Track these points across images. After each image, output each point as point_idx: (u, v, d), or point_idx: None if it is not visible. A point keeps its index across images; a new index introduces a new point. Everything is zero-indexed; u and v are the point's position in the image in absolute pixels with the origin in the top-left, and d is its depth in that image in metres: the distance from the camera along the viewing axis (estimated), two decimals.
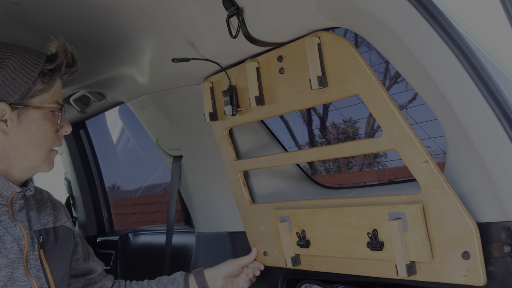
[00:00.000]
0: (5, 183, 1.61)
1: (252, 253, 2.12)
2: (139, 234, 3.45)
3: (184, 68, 2.07)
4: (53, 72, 1.64)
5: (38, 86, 1.61)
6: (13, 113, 1.59)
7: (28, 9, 1.84)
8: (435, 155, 3.26)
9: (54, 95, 1.65)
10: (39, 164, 1.67)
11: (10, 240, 1.61)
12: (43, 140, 1.64)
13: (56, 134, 1.67)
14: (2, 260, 1.58)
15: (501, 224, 1.41)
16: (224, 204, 2.37)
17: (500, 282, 1.43)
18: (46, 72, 1.62)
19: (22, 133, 1.61)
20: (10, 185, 1.62)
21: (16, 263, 1.62)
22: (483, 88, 1.31)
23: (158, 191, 6.21)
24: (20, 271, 1.63)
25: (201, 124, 2.27)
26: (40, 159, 1.65)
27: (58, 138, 1.69)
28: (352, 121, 4.58)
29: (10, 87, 1.58)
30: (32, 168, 1.67)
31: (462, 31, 1.35)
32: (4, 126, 1.60)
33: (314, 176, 2.72)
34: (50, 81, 1.63)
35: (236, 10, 1.69)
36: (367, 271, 1.72)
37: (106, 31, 2.06)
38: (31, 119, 1.62)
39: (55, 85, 1.65)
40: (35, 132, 1.62)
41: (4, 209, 1.64)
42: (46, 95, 1.63)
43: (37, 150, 1.64)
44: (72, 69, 1.68)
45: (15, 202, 1.67)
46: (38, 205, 1.81)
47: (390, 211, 1.58)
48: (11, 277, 1.60)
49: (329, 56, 1.66)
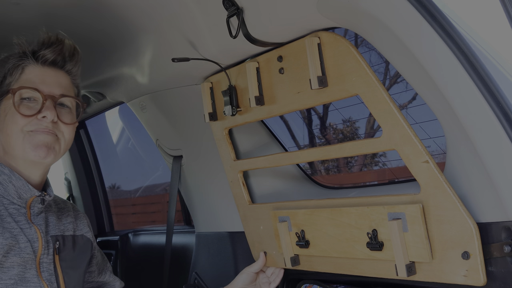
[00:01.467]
0: (25, 186, 1.65)
1: (260, 258, 2.09)
2: (139, 234, 3.45)
3: (184, 68, 2.07)
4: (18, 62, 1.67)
5: (8, 79, 1.67)
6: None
7: (28, 9, 1.84)
8: (435, 155, 3.26)
9: (23, 83, 1.66)
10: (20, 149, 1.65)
11: (24, 240, 1.64)
12: (9, 124, 1.65)
13: (27, 117, 1.64)
14: (15, 258, 1.61)
15: (501, 224, 1.41)
16: (224, 204, 2.37)
17: (500, 282, 1.43)
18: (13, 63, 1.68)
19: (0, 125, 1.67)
20: (30, 188, 1.66)
21: (28, 263, 1.64)
22: (483, 88, 1.31)
23: (158, 191, 6.21)
24: (32, 272, 1.65)
25: (201, 124, 2.27)
26: (16, 142, 1.64)
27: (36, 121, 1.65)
28: (352, 121, 4.58)
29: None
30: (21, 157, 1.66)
31: (462, 31, 1.35)
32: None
33: (314, 176, 2.72)
34: (17, 71, 1.67)
35: (236, 10, 1.69)
36: (366, 271, 1.72)
37: (106, 31, 2.06)
38: (2, 110, 1.67)
39: (25, 73, 1.68)
40: (4, 120, 1.66)
41: (22, 210, 1.67)
42: (15, 84, 1.67)
43: (9, 135, 1.65)
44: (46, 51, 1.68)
45: (34, 205, 1.70)
46: (59, 212, 1.85)
47: (389, 211, 1.58)
48: (22, 277, 1.63)
49: (329, 56, 1.66)
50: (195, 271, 2.55)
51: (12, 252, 1.61)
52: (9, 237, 1.60)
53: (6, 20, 1.90)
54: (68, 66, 1.75)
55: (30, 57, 1.68)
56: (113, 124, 5.13)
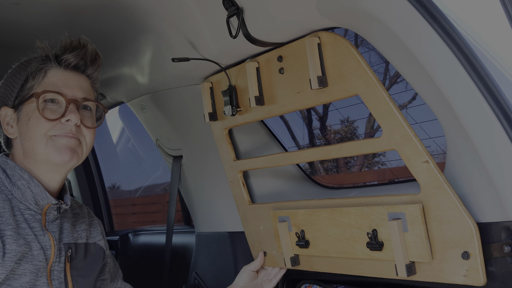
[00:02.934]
0: (43, 192, 1.66)
1: (259, 257, 2.09)
2: (139, 234, 3.45)
3: (184, 68, 2.07)
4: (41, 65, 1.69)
5: (30, 83, 1.69)
6: (14, 114, 1.70)
7: (28, 9, 1.84)
8: (435, 155, 3.26)
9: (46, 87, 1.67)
10: (44, 153, 1.65)
11: (37, 247, 1.63)
12: (33, 128, 1.65)
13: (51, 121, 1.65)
14: (27, 265, 1.61)
15: (501, 224, 1.41)
16: (224, 204, 2.37)
17: (500, 282, 1.43)
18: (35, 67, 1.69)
19: (21, 130, 1.68)
20: (47, 196, 1.66)
21: (40, 271, 1.64)
22: (483, 88, 1.31)
23: (158, 191, 6.21)
24: (43, 280, 1.65)
25: (201, 124, 2.27)
26: (39, 147, 1.65)
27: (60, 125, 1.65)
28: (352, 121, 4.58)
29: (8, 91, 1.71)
30: (44, 161, 1.66)
31: (462, 31, 1.35)
32: (11, 129, 1.71)
33: (314, 176, 2.72)
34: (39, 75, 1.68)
35: (236, 10, 1.69)
36: (366, 271, 1.72)
37: (106, 31, 2.06)
38: (24, 114, 1.68)
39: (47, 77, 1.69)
40: (27, 124, 1.67)
41: (37, 217, 1.67)
42: (38, 88, 1.68)
43: (32, 139, 1.65)
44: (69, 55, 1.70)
45: (49, 212, 1.70)
46: (74, 219, 1.84)
47: (389, 211, 1.58)
48: (33, 284, 1.62)
49: (329, 56, 1.66)
50: (195, 271, 2.55)
51: (24, 259, 1.61)
52: (23, 244, 1.60)
53: (6, 20, 1.90)
54: (89, 70, 1.76)
55: (53, 60, 1.70)
56: (113, 124, 5.13)
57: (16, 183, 1.65)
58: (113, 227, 3.92)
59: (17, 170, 1.66)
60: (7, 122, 1.71)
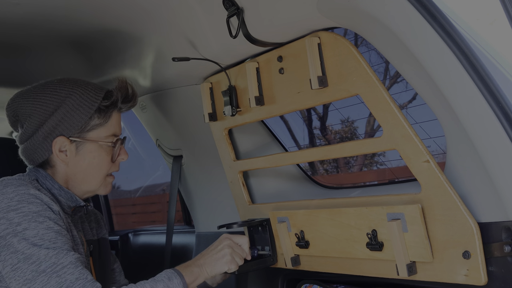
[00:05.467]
0: (73, 197, 1.82)
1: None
2: (139, 234, 3.45)
3: (184, 68, 2.07)
4: (108, 108, 1.82)
5: (94, 121, 1.80)
6: (72, 145, 1.80)
7: (28, 10, 1.83)
8: (435, 155, 3.26)
9: (110, 128, 1.83)
10: (96, 188, 1.86)
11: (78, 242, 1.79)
12: (98, 169, 1.83)
13: (111, 162, 1.85)
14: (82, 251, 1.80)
15: (502, 224, 1.41)
16: (225, 204, 2.37)
17: (500, 281, 1.43)
18: (102, 108, 1.80)
19: (80, 163, 1.81)
20: (76, 199, 1.83)
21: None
22: (483, 88, 1.31)
23: (158, 191, 6.21)
24: None
25: (201, 124, 2.27)
26: (96, 184, 1.85)
27: (114, 165, 1.88)
28: (352, 121, 4.58)
29: (69, 123, 1.78)
30: (90, 191, 1.88)
31: (462, 31, 1.35)
32: (64, 157, 1.80)
33: (314, 176, 2.72)
34: (105, 116, 1.82)
35: (236, 10, 1.69)
36: (367, 271, 1.72)
37: (107, 32, 2.06)
38: (88, 151, 1.81)
39: (111, 119, 1.83)
40: (91, 162, 1.82)
41: (69, 218, 1.82)
42: (102, 129, 1.82)
43: (93, 177, 1.84)
44: (129, 104, 1.87)
45: (75, 213, 1.88)
46: (88, 219, 2.03)
47: (388, 212, 1.58)
48: None
49: (329, 56, 1.66)
50: None
51: None
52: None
53: (6, 20, 1.90)
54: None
55: (118, 106, 1.85)
56: None
57: (50, 190, 1.79)
58: (113, 227, 3.92)
59: (48, 180, 1.79)
60: (60, 149, 1.79)
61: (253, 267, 1.99)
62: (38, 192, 1.67)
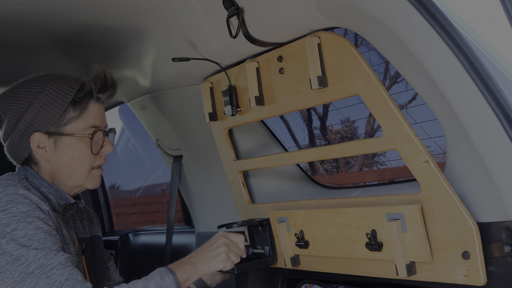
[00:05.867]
0: (62, 194, 1.80)
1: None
2: (139, 234, 3.45)
3: (184, 68, 2.07)
4: (83, 100, 1.78)
5: (70, 114, 1.77)
6: (50, 141, 1.77)
7: (28, 10, 1.84)
8: (435, 155, 3.26)
9: (88, 120, 1.79)
10: (82, 182, 1.83)
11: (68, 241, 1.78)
12: (80, 162, 1.80)
13: (93, 155, 1.81)
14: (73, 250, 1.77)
15: (501, 224, 1.41)
16: (224, 204, 2.37)
17: (500, 282, 1.43)
18: (77, 100, 1.77)
19: (60, 158, 1.78)
20: (67, 197, 1.81)
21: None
22: (483, 88, 1.31)
23: (158, 191, 6.21)
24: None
25: (201, 124, 2.27)
26: (81, 179, 1.82)
27: (99, 157, 1.84)
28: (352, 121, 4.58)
29: (43, 118, 1.75)
30: (77, 186, 1.84)
31: (462, 31, 1.35)
32: (43, 153, 1.78)
33: (314, 176, 2.72)
34: (81, 108, 1.78)
35: (236, 10, 1.69)
36: (366, 271, 1.72)
37: (108, 32, 2.07)
38: (66, 145, 1.78)
39: (88, 110, 1.79)
40: (71, 156, 1.78)
41: (59, 216, 1.81)
42: (80, 121, 1.78)
43: (76, 172, 1.80)
44: (106, 93, 1.82)
45: (66, 211, 1.86)
46: (80, 216, 2.01)
47: (388, 212, 1.58)
48: None
49: (329, 56, 1.66)
50: None
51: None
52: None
53: (6, 20, 1.90)
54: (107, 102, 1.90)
55: (95, 96, 1.80)
56: (113, 124, 5.13)
57: (39, 188, 1.77)
58: (113, 227, 3.91)
59: (36, 178, 1.78)
60: (38, 145, 1.77)
61: (253, 267, 1.99)
62: (27, 192, 1.66)
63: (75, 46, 2.20)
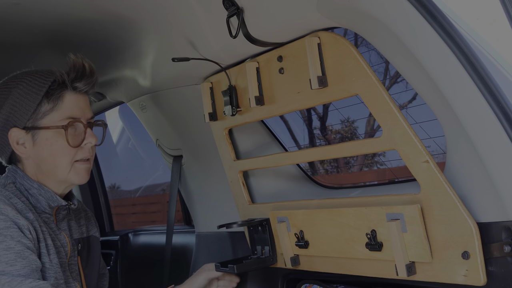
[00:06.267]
0: (53, 196, 1.75)
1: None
2: (139, 234, 3.45)
3: (184, 68, 2.07)
4: (56, 91, 1.73)
5: (44, 106, 1.73)
6: (28, 136, 1.74)
7: (28, 10, 1.84)
8: (435, 155, 3.26)
9: (64, 112, 1.73)
10: (66, 177, 1.77)
11: (58, 245, 1.74)
12: (60, 156, 1.74)
13: (73, 148, 1.74)
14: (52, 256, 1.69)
15: (501, 224, 1.41)
16: (224, 204, 2.37)
17: (500, 282, 1.43)
18: (50, 92, 1.72)
19: (40, 153, 1.74)
20: (57, 198, 1.76)
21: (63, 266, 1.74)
22: (483, 88, 1.31)
23: (158, 191, 6.21)
24: (67, 274, 1.76)
25: (201, 124, 2.27)
26: (63, 173, 1.76)
27: (81, 149, 1.77)
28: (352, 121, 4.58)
29: (18, 113, 1.71)
30: (62, 181, 1.78)
31: (462, 31, 1.35)
32: (23, 149, 1.75)
33: (314, 176, 2.72)
34: (55, 99, 1.73)
35: (236, 10, 1.69)
36: (366, 271, 1.72)
37: (108, 32, 2.06)
38: (43, 138, 1.73)
39: (63, 102, 1.74)
40: (50, 150, 1.73)
41: (51, 218, 1.78)
42: (55, 113, 1.73)
43: (57, 166, 1.75)
44: (83, 82, 1.76)
45: (59, 212, 1.81)
46: (76, 217, 1.97)
47: (388, 212, 1.58)
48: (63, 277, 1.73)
49: (329, 56, 1.66)
50: (195, 271, 2.55)
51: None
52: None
53: (6, 20, 1.90)
54: (90, 91, 1.84)
55: (69, 86, 1.75)
56: (113, 124, 5.13)
57: (29, 191, 1.73)
58: (113, 227, 3.91)
59: (26, 180, 1.74)
60: (17, 142, 1.74)
61: (253, 267, 1.99)
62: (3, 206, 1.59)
63: (75, 46, 2.20)
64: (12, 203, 1.64)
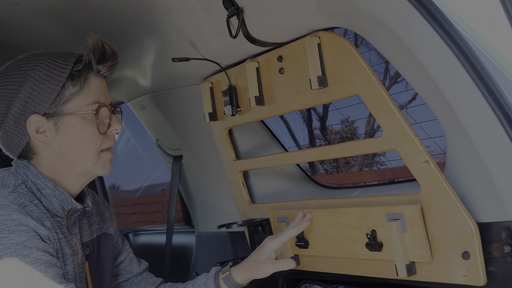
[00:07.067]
0: (68, 199, 1.59)
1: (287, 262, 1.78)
2: (139, 234, 3.45)
3: (184, 68, 2.07)
4: (82, 72, 1.58)
5: (69, 90, 1.56)
6: (49, 123, 1.56)
7: (28, 10, 1.84)
8: (435, 155, 3.26)
9: (91, 96, 1.58)
10: (91, 168, 1.61)
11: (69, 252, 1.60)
12: (86, 144, 1.58)
13: (101, 134, 1.60)
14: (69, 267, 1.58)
15: (501, 224, 1.41)
16: (224, 204, 2.37)
17: (500, 282, 1.43)
18: (75, 74, 1.57)
19: (63, 141, 1.57)
20: (72, 201, 1.60)
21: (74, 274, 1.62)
22: (483, 88, 1.31)
23: (158, 191, 6.21)
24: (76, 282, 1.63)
25: (201, 124, 2.27)
26: (89, 163, 1.60)
27: (107, 137, 1.62)
28: (352, 121, 4.58)
29: (39, 97, 1.54)
30: (85, 173, 1.63)
31: (462, 31, 1.35)
32: (44, 138, 1.57)
33: (314, 176, 2.72)
34: (81, 82, 1.57)
35: (236, 10, 1.69)
36: (366, 271, 1.72)
37: (108, 32, 2.06)
38: (69, 125, 1.57)
39: (89, 85, 1.58)
40: (76, 138, 1.57)
41: (62, 222, 1.62)
42: (81, 97, 1.57)
43: (83, 156, 1.59)
44: (107, 64, 1.61)
45: (71, 215, 1.65)
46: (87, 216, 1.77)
47: (388, 212, 1.58)
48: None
49: (329, 56, 1.66)
50: (195, 271, 2.55)
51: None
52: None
53: (6, 20, 1.90)
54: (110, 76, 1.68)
55: (94, 68, 1.60)
56: None
57: (42, 191, 1.57)
58: None
59: (40, 179, 1.57)
60: (37, 130, 1.56)
61: None
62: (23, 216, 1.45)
63: (75, 47, 2.20)
64: (27, 212, 1.49)
